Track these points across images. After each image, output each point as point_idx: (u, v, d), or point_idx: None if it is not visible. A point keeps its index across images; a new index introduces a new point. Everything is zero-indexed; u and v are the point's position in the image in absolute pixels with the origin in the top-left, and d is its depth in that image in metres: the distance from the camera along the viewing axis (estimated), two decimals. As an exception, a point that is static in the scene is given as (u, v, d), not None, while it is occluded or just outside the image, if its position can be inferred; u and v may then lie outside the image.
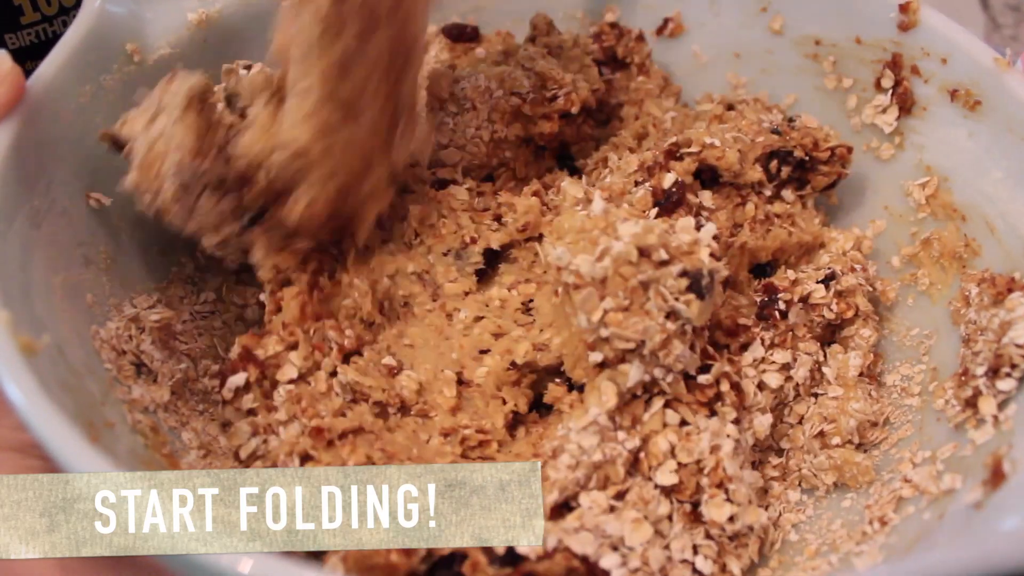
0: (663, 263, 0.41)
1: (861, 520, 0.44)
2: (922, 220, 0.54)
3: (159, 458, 0.42)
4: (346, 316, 0.48)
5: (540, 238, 0.51)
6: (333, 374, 0.46)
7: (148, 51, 0.53)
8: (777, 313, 0.49)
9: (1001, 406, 0.43)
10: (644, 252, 0.41)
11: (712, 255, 0.42)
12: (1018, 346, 0.43)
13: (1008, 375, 0.43)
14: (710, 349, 0.45)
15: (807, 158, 0.53)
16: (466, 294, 0.50)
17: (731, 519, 0.41)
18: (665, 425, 0.42)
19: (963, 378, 0.45)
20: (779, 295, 0.49)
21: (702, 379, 0.43)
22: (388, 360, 0.47)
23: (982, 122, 0.51)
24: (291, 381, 0.45)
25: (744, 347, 0.48)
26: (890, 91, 0.55)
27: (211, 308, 0.53)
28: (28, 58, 0.59)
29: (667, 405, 0.43)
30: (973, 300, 0.48)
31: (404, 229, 0.51)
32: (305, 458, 0.42)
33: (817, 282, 0.50)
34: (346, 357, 0.47)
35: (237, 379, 0.44)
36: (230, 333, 0.52)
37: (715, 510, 0.41)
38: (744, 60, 0.62)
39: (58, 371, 0.39)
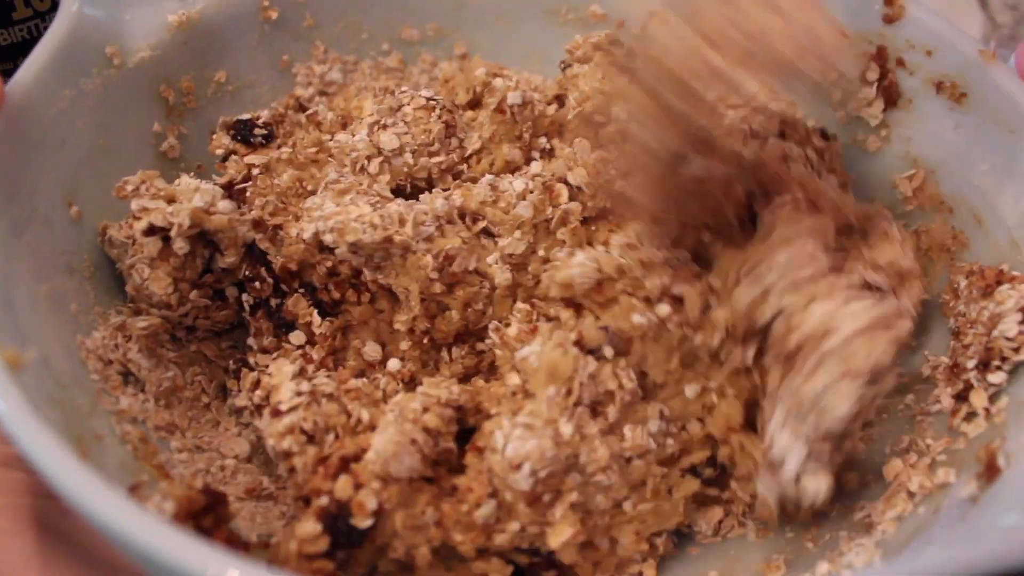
0: None
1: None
2: (910, 213, 0.54)
3: (149, 468, 0.42)
4: None
5: None
6: None
7: (128, 53, 0.52)
8: None
9: (992, 399, 0.43)
10: None
11: None
12: (1008, 339, 0.43)
13: (999, 368, 0.43)
14: None
15: None
16: None
17: None
18: None
19: (954, 371, 0.46)
20: None
21: None
22: None
23: (968, 114, 0.51)
24: None
25: None
26: (876, 84, 0.55)
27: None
28: (20, 54, 0.58)
29: None
30: (962, 293, 0.48)
31: None
32: None
33: None
34: None
35: None
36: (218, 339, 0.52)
37: None
38: (729, 54, 0.61)
39: (45, 384, 0.38)
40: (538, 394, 0.41)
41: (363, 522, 0.39)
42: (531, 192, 0.47)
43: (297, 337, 0.48)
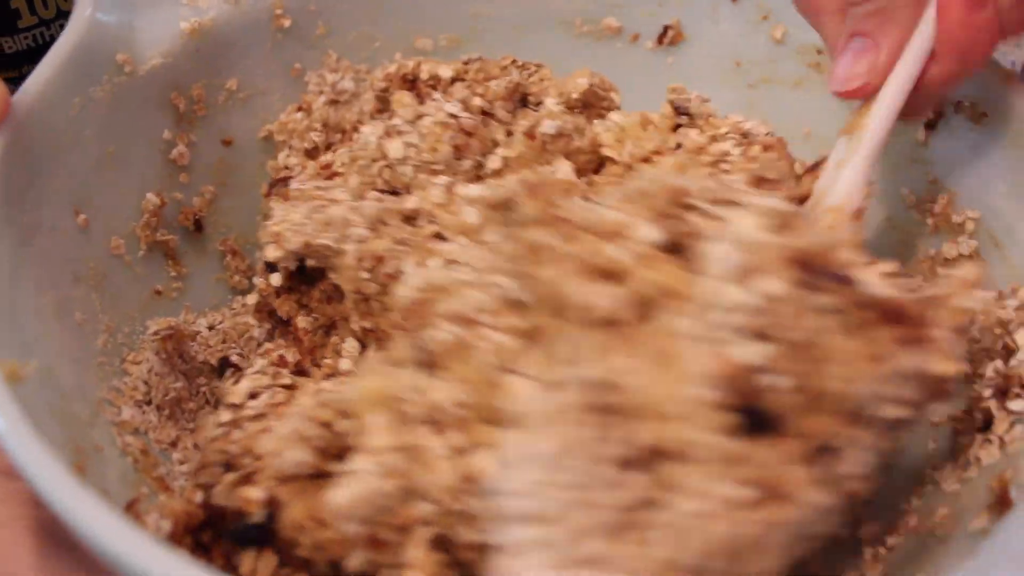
0: None
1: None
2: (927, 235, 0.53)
3: (149, 481, 0.42)
4: None
5: None
6: None
7: (139, 61, 0.52)
8: None
9: (1009, 427, 0.42)
10: None
11: None
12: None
13: (1018, 395, 0.42)
14: None
15: None
16: None
17: None
18: None
19: (969, 398, 0.45)
20: None
21: None
22: None
23: (987, 135, 0.50)
24: None
25: None
26: (894, 102, 0.54)
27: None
28: (25, 62, 0.58)
29: None
30: (976, 318, 0.47)
31: None
32: None
33: None
34: None
35: None
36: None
37: None
38: (745, 69, 0.61)
39: (47, 395, 0.38)
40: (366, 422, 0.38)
41: (256, 517, 0.38)
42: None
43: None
